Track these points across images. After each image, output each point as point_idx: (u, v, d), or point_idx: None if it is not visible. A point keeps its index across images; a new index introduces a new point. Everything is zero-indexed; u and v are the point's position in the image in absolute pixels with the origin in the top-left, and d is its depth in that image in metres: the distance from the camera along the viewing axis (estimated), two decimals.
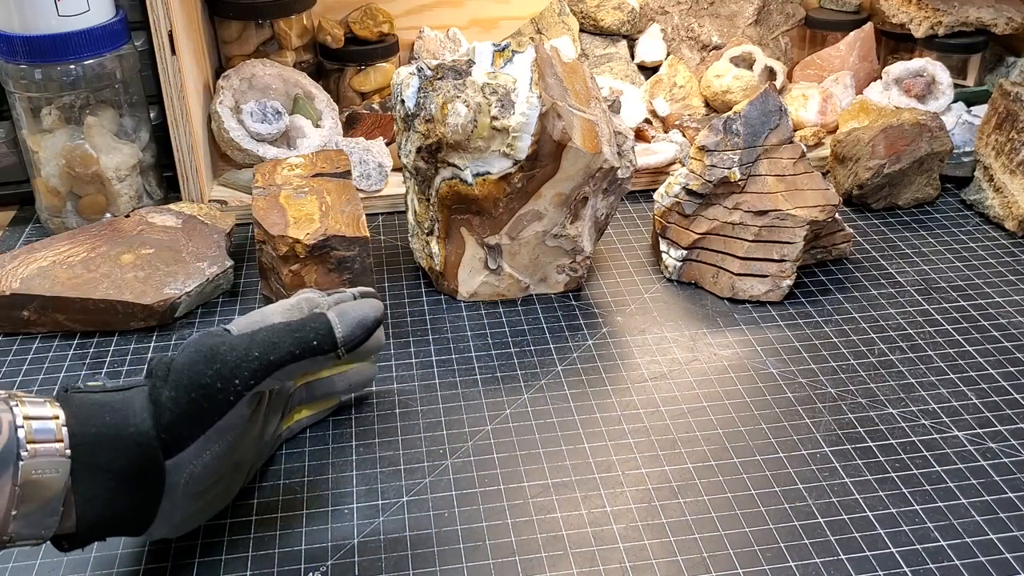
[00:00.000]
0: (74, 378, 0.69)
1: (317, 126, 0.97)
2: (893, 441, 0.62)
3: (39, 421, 0.44)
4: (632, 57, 1.09)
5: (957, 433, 0.62)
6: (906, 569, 0.52)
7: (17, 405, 0.44)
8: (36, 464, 0.43)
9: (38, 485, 0.43)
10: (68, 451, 0.44)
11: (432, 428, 0.64)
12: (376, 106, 1.00)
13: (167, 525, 0.49)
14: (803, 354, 0.71)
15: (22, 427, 0.43)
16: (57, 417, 0.44)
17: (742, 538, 0.54)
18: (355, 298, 0.58)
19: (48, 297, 0.73)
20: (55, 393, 0.47)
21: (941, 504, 0.57)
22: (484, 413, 0.65)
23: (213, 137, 0.94)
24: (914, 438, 0.62)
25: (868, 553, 0.53)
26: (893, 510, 0.56)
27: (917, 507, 0.56)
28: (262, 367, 0.48)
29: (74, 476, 0.44)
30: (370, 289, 0.58)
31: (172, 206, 0.85)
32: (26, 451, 0.42)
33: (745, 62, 1.04)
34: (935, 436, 0.62)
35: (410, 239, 0.81)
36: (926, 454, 0.61)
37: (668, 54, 1.08)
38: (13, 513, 0.42)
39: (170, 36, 0.83)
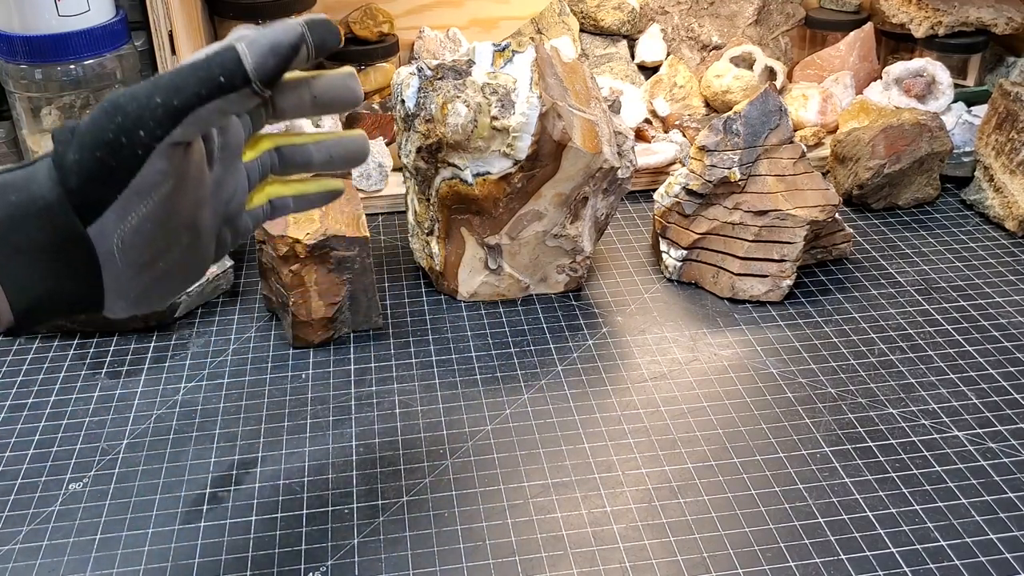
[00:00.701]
0: (74, 378, 0.69)
1: (317, 126, 0.97)
2: (893, 441, 0.62)
3: None
4: (632, 57, 1.09)
5: (957, 433, 0.62)
6: (906, 569, 0.52)
7: None
8: None
9: None
10: None
11: (432, 428, 0.64)
12: (376, 106, 1.00)
13: (123, 299, 0.46)
14: (803, 354, 0.71)
15: None
16: None
17: (742, 538, 0.54)
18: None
19: None
20: None
21: (941, 504, 0.57)
22: (484, 413, 0.65)
23: None
24: (914, 438, 0.62)
25: (868, 553, 0.53)
26: (893, 510, 0.56)
27: (917, 507, 0.56)
28: (167, 114, 0.43)
29: None
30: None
31: None
32: None
33: (745, 62, 1.04)
34: (935, 436, 0.62)
35: (410, 239, 0.81)
36: (926, 454, 0.61)
37: (668, 54, 1.08)
38: None
39: (170, 36, 0.83)
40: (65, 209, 0.42)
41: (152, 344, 0.73)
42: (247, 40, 0.44)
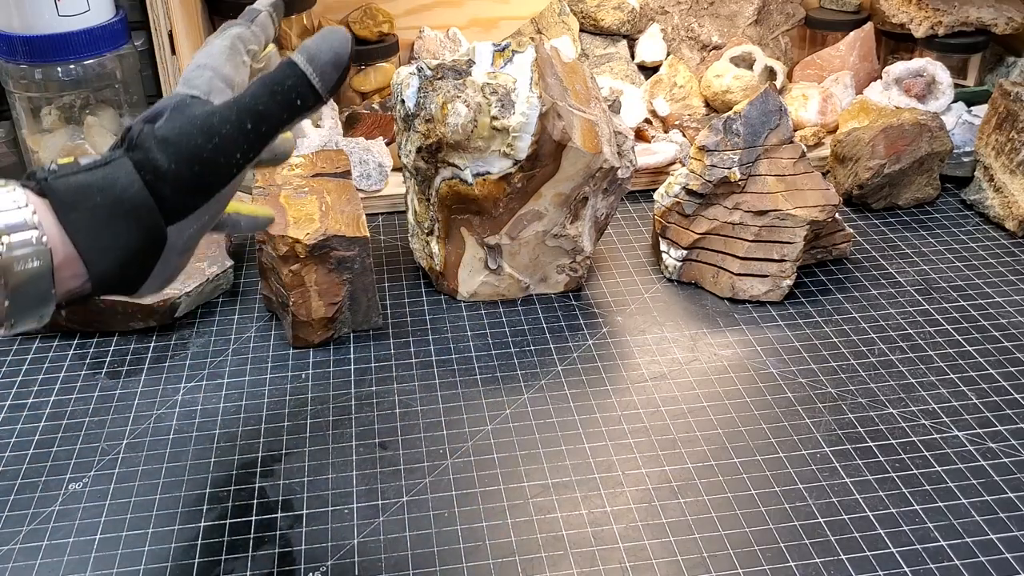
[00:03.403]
0: (74, 378, 0.69)
1: (317, 126, 0.97)
2: (893, 441, 0.62)
3: (8, 213, 0.43)
4: (632, 57, 1.09)
5: (957, 433, 0.62)
6: (906, 569, 0.52)
7: None
8: (13, 257, 0.43)
9: (22, 277, 0.43)
10: (44, 238, 0.44)
11: (432, 428, 0.64)
12: (376, 106, 1.00)
13: (155, 283, 0.50)
14: (803, 354, 0.71)
15: None
16: (28, 205, 0.44)
17: (742, 538, 0.54)
18: (270, 16, 0.56)
19: None
20: (26, 181, 0.46)
21: (941, 504, 0.57)
22: (484, 413, 0.65)
23: None
24: (914, 438, 0.62)
25: (868, 553, 0.53)
26: (893, 510, 0.56)
27: (917, 507, 0.56)
28: (258, 138, 0.49)
29: (84, 258, 0.45)
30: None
31: None
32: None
33: (745, 62, 1.04)
34: (935, 436, 0.62)
35: (410, 239, 0.81)
36: (926, 454, 0.61)
37: (668, 54, 1.08)
38: (6, 304, 0.43)
39: (170, 36, 0.83)
40: (154, 213, 0.46)
41: (152, 344, 0.73)
42: (304, 54, 0.49)
